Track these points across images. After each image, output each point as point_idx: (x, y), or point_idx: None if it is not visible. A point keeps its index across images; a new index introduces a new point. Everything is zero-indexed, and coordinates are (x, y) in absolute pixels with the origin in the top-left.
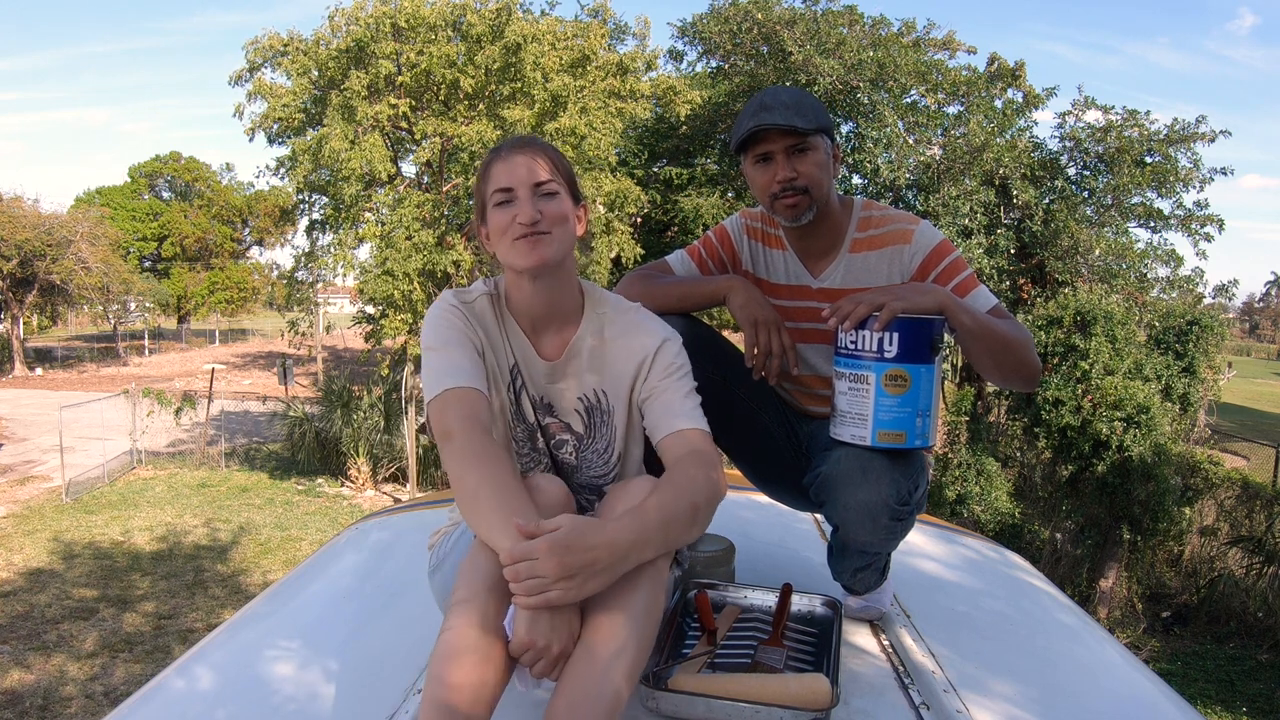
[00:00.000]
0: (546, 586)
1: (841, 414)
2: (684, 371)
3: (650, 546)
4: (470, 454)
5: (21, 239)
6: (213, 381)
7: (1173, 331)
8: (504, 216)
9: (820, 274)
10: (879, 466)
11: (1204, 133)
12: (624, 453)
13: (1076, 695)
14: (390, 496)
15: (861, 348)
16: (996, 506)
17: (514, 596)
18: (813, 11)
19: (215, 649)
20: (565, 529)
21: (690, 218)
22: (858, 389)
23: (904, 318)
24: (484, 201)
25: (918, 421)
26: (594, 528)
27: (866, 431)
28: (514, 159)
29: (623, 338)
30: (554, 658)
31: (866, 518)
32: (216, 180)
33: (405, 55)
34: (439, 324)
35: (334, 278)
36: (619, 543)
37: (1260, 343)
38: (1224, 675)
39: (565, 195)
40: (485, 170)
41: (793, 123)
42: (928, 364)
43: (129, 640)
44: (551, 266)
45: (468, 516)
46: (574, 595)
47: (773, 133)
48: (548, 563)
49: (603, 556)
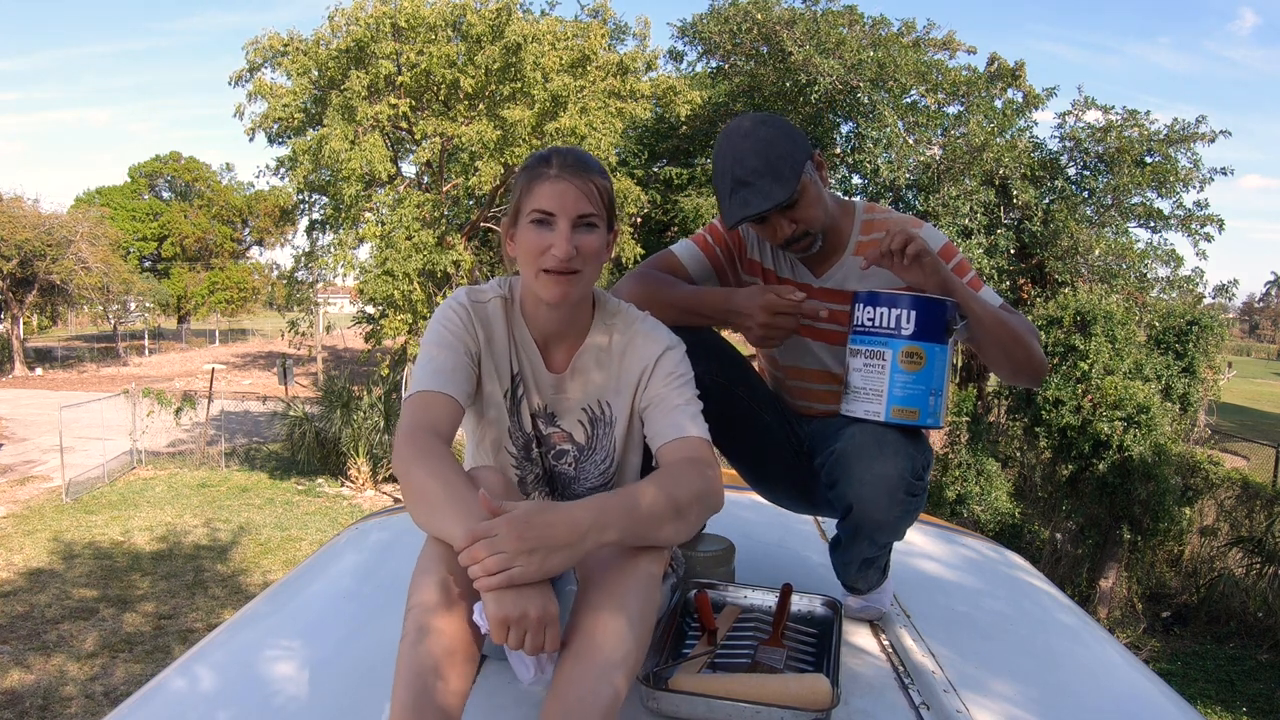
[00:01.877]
0: (508, 562)
1: (855, 390)
2: (686, 379)
3: (612, 529)
4: (415, 455)
5: (21, 239)
6: (213, 381)
7: (1173, 331)
8: (538, 240)
9: (823, 275)
10: (894, 440)
11: (1204, 133)
12: (621, 462)
13: (1076, 695)
14: (390, 496)
15: (879, 324)
16: (996, 506)
17: (476, 581)
18: (813, 11)
19: (215, 649)
20: (524, 506)
21: (690, 218)
22: (873, 365)
23: (920, 297)
24: (519, 210)
25: (930, 400)
26: (552, 506)
27: (881, 407)
28: (563, 184)
29: (628, 347)
30: (536, 626)
31: (883, 491)
32: (216, 180)
33: (405, 55)
34: (438, 324)
35: (334, 278)
36: (579, 519)
37: (1260, 343)
38: (1224, 675)
39: (603, 227)
40: (529, 182)
41: (775, 201)
42: (942, 344)
43: (129, 640)
44: (574, 302)
45: (417, 515)
46: (535, 571)
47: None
48: (507, 537)
49: (561, 532)
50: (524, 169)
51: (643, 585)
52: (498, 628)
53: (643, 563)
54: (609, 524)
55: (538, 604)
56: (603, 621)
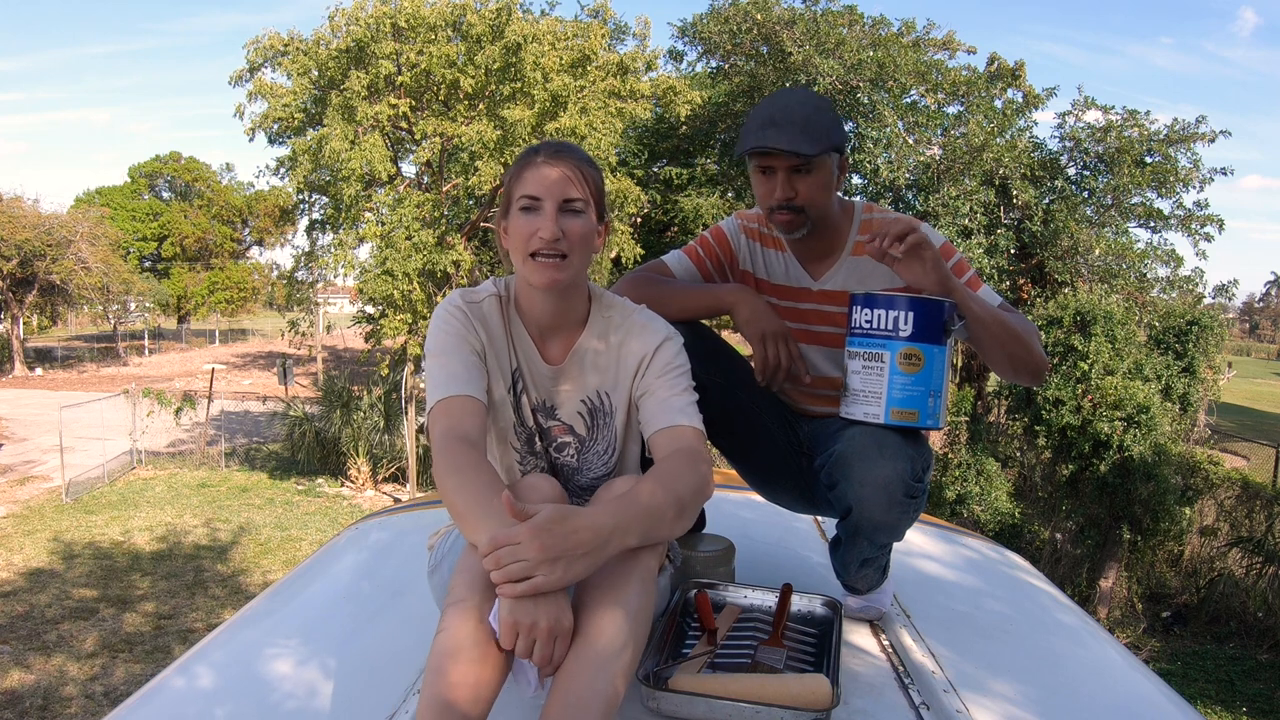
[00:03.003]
0: (530, 570)
1: (854, 393)
2: (682, 370)
3: (632, 533)
4: (449, 466)
5: (21, 239)
6: (213, 381)
7: (1173, 331)
8: (526, 225)
9: (821, 276)
10: (894, 442)
11: (1204, 133)
12: (622, 452)
13: (1076, 695)
14: (390, 496)
15: (877, 326)
16: (996, 506)
17: (498, 587)
18: (812, 12)
19: (215, 649)
20: (546, 512)
21: (690, 218)
22: (872, 367)
23: (918, 298)
24: (510, 200)
25: (930, 401)
26: (575, 511)
27: (880, 409)
28: (548, 169)
29: (626, 339)
30: (546, 637)
31: (883, 493)
32: (216, 180)
33: (405, 55)
34: (439, 329)
35: (334, 278)
36: (601, 525)
37: (1260, 343)
38: (1224, 675)
39: (591, 213)
40: (518, 170)
41: (798, 148)
42: (940, 345)
43: (129, 640)
44: (564, 287)
45: (456, 524)
46: (559, 580)
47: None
48: (530, 546)
49: (586, 539)
50: (515, 162)
51: (640, 580)
52: (508, 632)
53: (640, 558)
54: (630, 528)
55: (552, 614)
56: (602, 617)
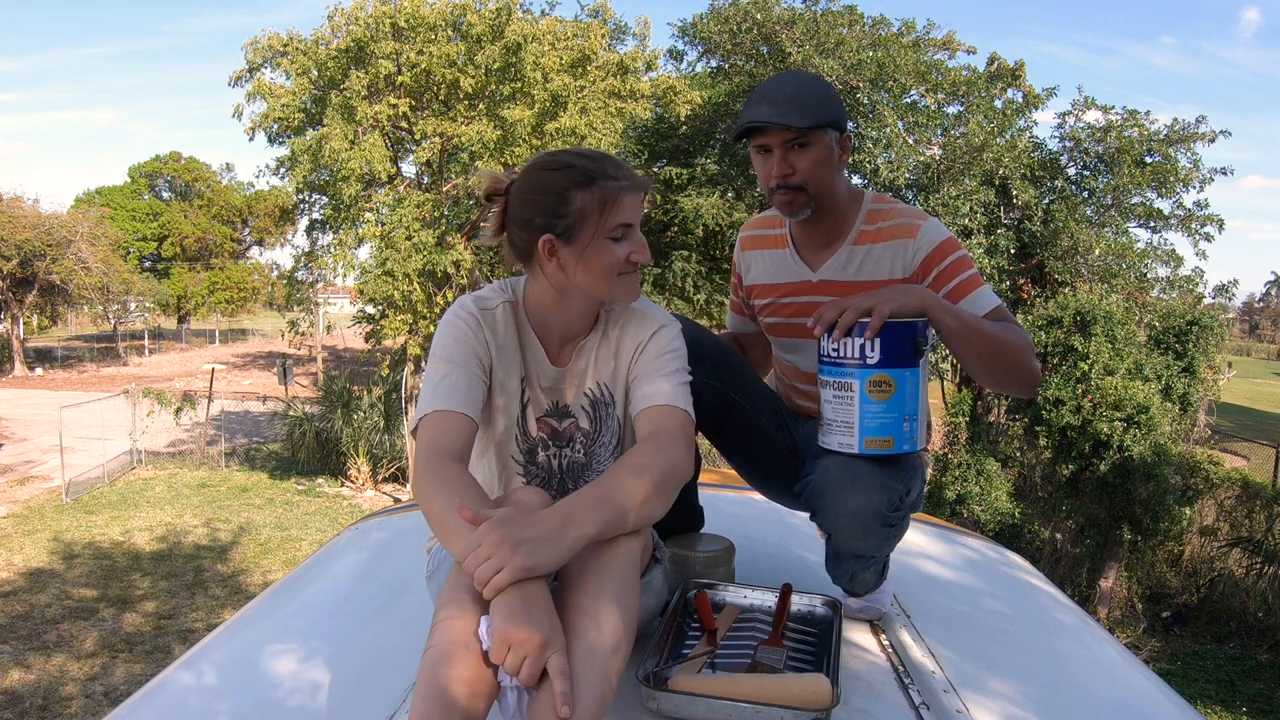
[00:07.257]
0: (499, 564)
1: (828, 423)
2: (675, 354)
3: (592, 518)
4: (430, 486)
5: (21, 239)
6: (213, 381)
7: (1173, 331)
8: (619, 251)
9: (820, 266)
10: (867, 474)
11: (1204, 133)
12: (624, 440)
13: (1076, 695)
14: (390, 496)
15: (844, 355)
16: (996, 506)
17: (483, 591)
18: (812, 12)
19: (215, 649)
20: (502, 511)
21: (690, 218)
22: (842, 396)
23: (885, 323)
24: (590, 226)
25: (905, 426)
26: (528, 508)
27: (854, 439)
28: (636, 197)
29: (625, 330)
30: (536, 653)
31: (858, 525)
32: (216, 180)
33: (405, 55)
34: (449, 334)
35: (334, 278)
36: (558, 508)
37: (1260, 343)
38: (1224, 675)
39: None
40: (611, 196)
41: (788, 121)
42: (912, 367)
43: (129, 640)
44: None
45: (439, 538)
46: (525, 564)
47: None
48: (490, 538)
49: (543, 525)
50: (581, 183)
51: (621, 571)
52: (499, 644)
53: (618, 549)
54: (588, 512)
55: (544, 631)
56: (588, 611)
